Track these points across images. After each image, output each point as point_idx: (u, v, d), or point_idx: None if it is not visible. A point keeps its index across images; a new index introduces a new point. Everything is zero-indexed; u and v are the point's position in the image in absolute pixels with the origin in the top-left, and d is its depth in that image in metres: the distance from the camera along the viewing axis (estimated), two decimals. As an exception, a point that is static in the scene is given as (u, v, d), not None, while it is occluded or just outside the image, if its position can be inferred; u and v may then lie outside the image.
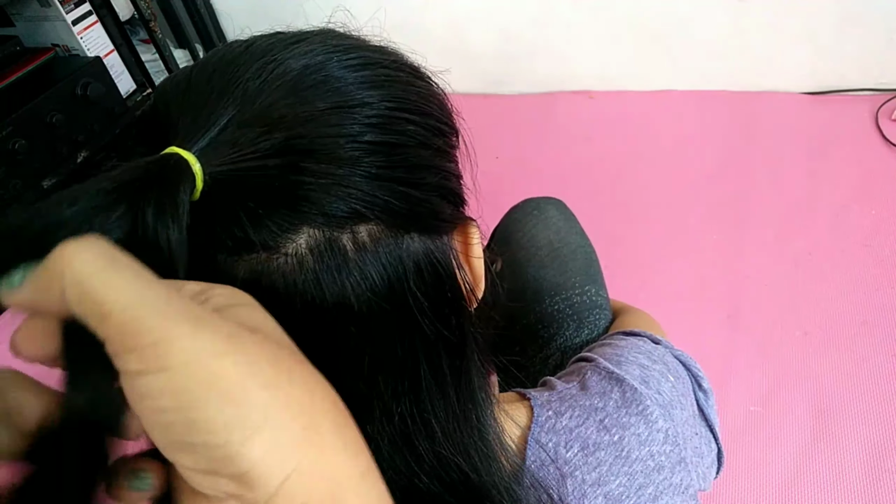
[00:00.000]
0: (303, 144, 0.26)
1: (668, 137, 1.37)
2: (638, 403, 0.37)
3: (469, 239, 0.35)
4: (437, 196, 0.31)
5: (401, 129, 0.29)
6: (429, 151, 0.31)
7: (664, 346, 0.46)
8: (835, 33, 1.30)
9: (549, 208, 0.72)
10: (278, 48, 0.30)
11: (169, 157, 0.24)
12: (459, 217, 0.34)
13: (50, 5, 1.21)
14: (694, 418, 0.42)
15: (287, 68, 0.28)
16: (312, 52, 0.29)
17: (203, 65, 0.30)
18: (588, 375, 0.40)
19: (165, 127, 0.27)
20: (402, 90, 0.31)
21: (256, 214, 0.25)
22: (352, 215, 0.27)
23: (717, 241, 1.14)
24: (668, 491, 0.36)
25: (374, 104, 0.29)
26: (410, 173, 0.29)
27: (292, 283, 0.26)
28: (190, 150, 0.25)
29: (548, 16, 1.43)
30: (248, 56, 0.29)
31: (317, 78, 0.28)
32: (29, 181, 1.13)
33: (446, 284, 0.31)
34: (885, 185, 1.17)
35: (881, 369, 0.92)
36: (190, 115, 0.27)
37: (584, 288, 0.64)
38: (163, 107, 0.29)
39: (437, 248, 0.30)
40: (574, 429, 0.36)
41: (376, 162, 0.28)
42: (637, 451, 0.36)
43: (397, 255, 0.28)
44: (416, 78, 0.33)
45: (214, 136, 0.26)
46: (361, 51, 0.31)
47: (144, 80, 1.44)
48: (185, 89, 0.29)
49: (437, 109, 0.33)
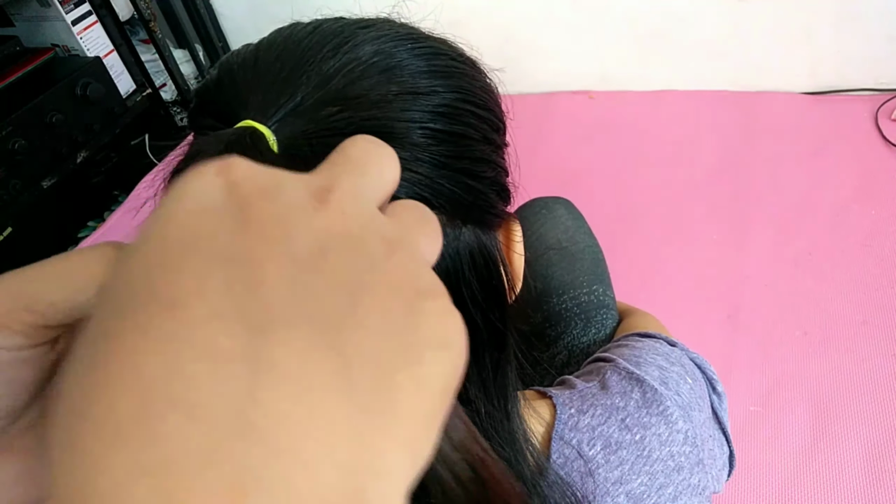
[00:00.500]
0: (377, 126, 0.26)
1: (668, 137, 1.37)
2: (658, 404, 0.37)
3: (512, 235, 0.35)
4: (493, 190, 0.31)
5: (466, 121, 0.30)
6: (488, 146, 0.31)
7: (680, 348, 0.46)
8: (835, 33, 1.30)
9: (558, 208, 0.73)
10: (348, 31, 0.30)
11: (245, 131, 0.24)
12: (506, 213, 0.34)
13: (50, 5, 1.21)
14: (710, 421, 0.42)
15: (360, 51, 0.29)
16: (384, 37, 0.30)
17: (269, 43, 0.30)
18: (608, 375, 0.40)
19: (233, 101, 0.28)
20: (468, 83, 0.31)
21: None
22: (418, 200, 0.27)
23: (717, 241, 1.14)
24: (686, 491, 0.36)
25: (443, 93, 0.29)
26: (474, 165, 0.30)
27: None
28: (265, 124, 0.25)
29: (548, 16, 1.43)
30: (319, 37, 0.30)
31: (390, 63, 0.29)
32: (29, 181, 1.13)
33: (494, 278, 0.31)
34: (885, 185, 1.17)
35: (881, 369, 0.92)
36: (261, 89, 0.27)
37: (592, 287, 0.64)
38: (229, 81, 0.29)
39: (489, 241, 0.31)
40: (596, 427, 0.36)
41: (444, 150, 0.28)
42: (658, 451, 0.36)
43: (455, 246, 0.29)
44: (478, 72, 0.34)
45: (290, 110, 0.26)
46: (429, 40, 0.32)
47: (144, 80, 1.44)
48: (252, 65, 0.29)
49: (495, 105, 0.34)
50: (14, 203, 1.11)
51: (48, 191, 1.17)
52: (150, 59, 1.49)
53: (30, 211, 1.17)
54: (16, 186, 1.10)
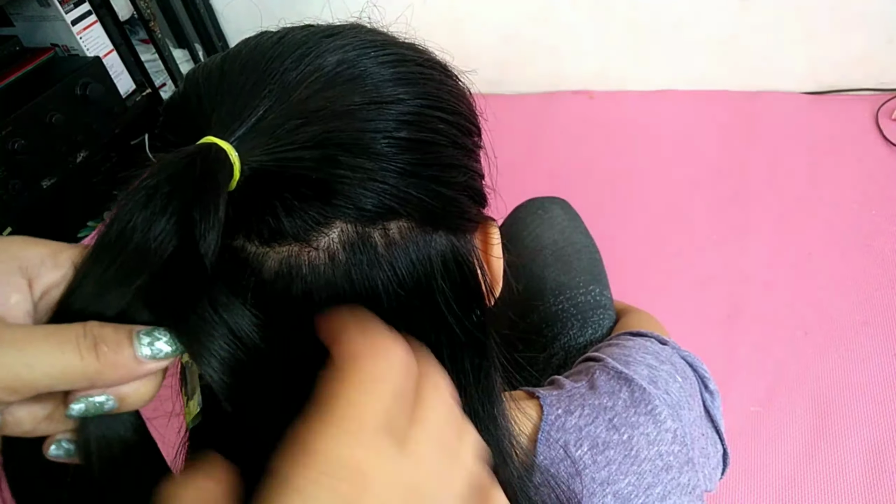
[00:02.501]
0: (340, 138, 0.26)
1: (668, 137, 1.37)
2: (647, 403, 0.37)
3: (489, 238, 0.35)
4: (464, 195, 0.31)
5: (434, 128, 0.29)
6: (459, 150, 0.31)
7: (671, 346, 0.46)
8: (835, 33, 1.30)
9: (554, 208, 0.73)
10: (313, 41, 0.30)
11: (207, 148, 0.24)
12: (482, 217, 0.34)
13: (49, 5, 1.21)
14: (701, 419, 0.42)
15: (323, 61, 0.28)
16: (348, 46, 0.29)
17: (235, 55, 0.30)
18: (597, 375, 0.40)
19: (198, 116, 0.27)
20: (435, 88, 0.31)
21: (292, 206, 0.25)
22: (385, 211, 0.27)
23: (717, 241, 1.14)
24: (675, 491, 0.36)
25: (408, 101, 0.29)
26: (442, 172, 0.29)
27: (322, 276, 0.26)
28: (227, 140, 0.25)
29: (547, 16, 1.43)
30: (283, 48, 0.29)
31: (353, 72, 0.28)
32: (28, 181, 1.13)
33: (471, 283, 0.31)
34: (885, 185, 1.17)
35: (881, 369, 0.92)
36: (225, 104, 0.27)
37: (589, 288, 0.64)
38: (194, 95, 0.28)
39: (463, 247, 0.31)
40: (583, 427, 0.36)
41: (410, 159, 0.28)
42: (646, 450, 0.36)
43: (426, 252, 0.28)
44: (447, 76, 0.33)
45: (252, 125, 0.26)
46: (395, 47, 0.31)
47: (144, 79, 1.44)
48: (218, 78, 0.29)
49: (466, 108, 0.33)
50: (14, 203, 1.10)
51: (48, 191, 1.17)
52: (150, 59, 1.48)
53: (29, 211, 1.17)
54: (16, 186, 1.10)
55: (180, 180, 0.22)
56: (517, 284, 0.65)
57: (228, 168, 0.24)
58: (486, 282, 0.33)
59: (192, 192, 0.22)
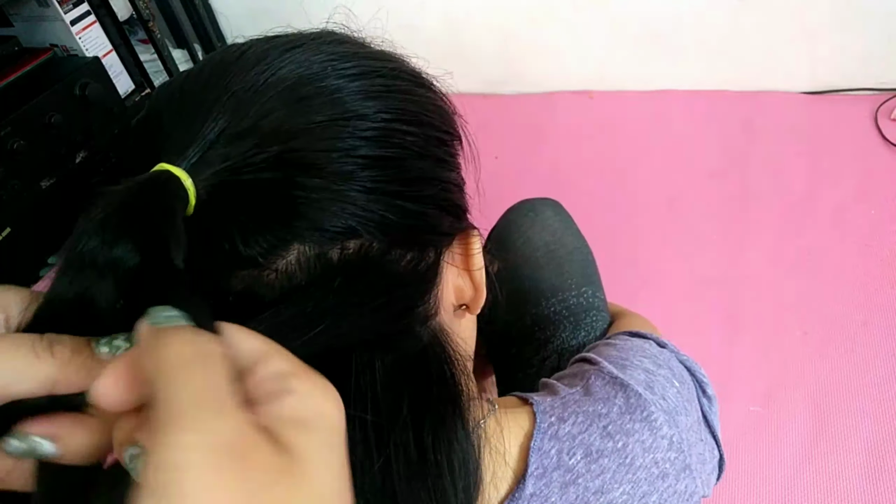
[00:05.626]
0: (297, 158, 0.25)
1: (668, 137, 1.37)
2: (642, 409, 0.36)
3: (470, 249, 0.34)
4: (434, 208, 0.30)
5: (398, 142, 0.28)
6: (427, 163, 0.30)
7: (670, 350, 0.45)
8: (835, 33, 1.30)
9: (546, 210, 0.71)
10: (273, 55, 0.29)
11: (159, 176, 0.23)
12: (458, 228, 0.33)
13: (48, 5, 1.21)
14: (698, 424, 0.41)
15: (281, 77, 0.27)
16: (308, 60, 0.29)
17: (198, 72, 0.29)
18: (592, 380, 0.39)
19: (157, 139, 0.26)
20: (401, 100, 0.30)
21: (248, 230, 0.25)
22: (345, 231, 0.26)
23: (717, 241, 1.14)
24: (672, 498, 0.35)
25: (370, 116, 0.28)
26: (407, 186, 0.28)
27: (283, 297, 0.26)
28: (180, 166, 0.24)
29: (548, 16, 1.43)
30: (242, 64, 0.28)
31: (312, 89, 0.27)
32: (28, 181, 1.13)
33: (430, 298, 0.31)
34: (885, 185, 1.17)
35: (881, 369, 0.92)
36: (182, 125, 0.26)
37: (581, 290, 0.63)
38: (155, 117, 0.28)
39: (424, 264, 0.30)
40: (577, 435, 0.35)
41: (372, 176, 0.27)
42: (641, 458, 0.35)
43: (382, 269, 0.28)
44: (416, 86, 0.32)
45: (205, 150, 0.25)
46: (359, 59, 0.30)
47: (143, 80, 1.44)
48: (178, 99, 0.28)
49: (438, 118, 0.32)
50: (13, 203, 1.10)
51: (47, 191, 1.17)
52: (149, 60, 1.48)
53: (29, 211, 1.16)
54: (15, 186, 1.09)
55: (132, 211, 0.22)
56: (509, 286, 0.64)
57: (184, 196, 0.23)
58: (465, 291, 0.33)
59: (145, 223, 0.21)
